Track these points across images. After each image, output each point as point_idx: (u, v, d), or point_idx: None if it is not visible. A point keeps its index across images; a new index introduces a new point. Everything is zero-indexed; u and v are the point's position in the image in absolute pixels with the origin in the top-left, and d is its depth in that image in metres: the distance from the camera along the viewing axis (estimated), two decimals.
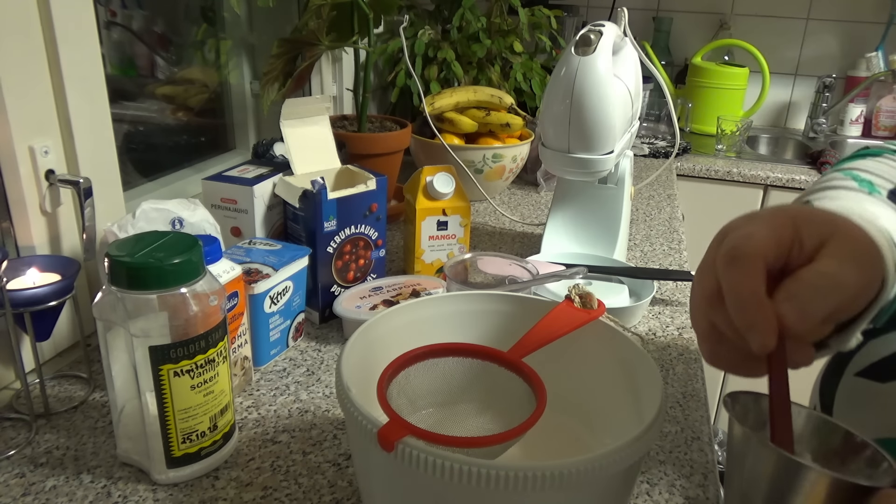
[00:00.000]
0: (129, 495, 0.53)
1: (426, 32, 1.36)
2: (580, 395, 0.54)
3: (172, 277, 0.49)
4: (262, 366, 0.71)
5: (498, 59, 1.41)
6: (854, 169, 0.51)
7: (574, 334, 0.50)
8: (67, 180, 0.67)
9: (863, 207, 0.44)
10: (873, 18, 1.89)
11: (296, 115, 0.80)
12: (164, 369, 0.50)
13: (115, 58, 1.02)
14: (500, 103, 1.23)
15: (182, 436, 0.52)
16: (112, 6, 1.00)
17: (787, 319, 0.35)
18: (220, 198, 0.78)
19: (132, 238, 0.50)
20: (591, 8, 2.06)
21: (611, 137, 0.80)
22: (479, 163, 1.18)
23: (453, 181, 0.86)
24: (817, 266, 0.36)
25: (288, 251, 0.71)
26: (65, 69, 0.66)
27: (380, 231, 0.82)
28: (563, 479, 0.37)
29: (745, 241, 0.35)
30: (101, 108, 0.72)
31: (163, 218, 0.66)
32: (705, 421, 0.65)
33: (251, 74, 1.23)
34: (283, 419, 0.63)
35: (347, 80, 1.33)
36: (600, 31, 0.79)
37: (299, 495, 0.53)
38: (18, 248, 0.67)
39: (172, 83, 1.11)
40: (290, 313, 0.72)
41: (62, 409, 0.63)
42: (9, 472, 0.55)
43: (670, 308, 0.87)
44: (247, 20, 1.21)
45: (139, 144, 1.03)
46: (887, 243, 0.40)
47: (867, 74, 1.91)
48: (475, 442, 0.44)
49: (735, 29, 1.98)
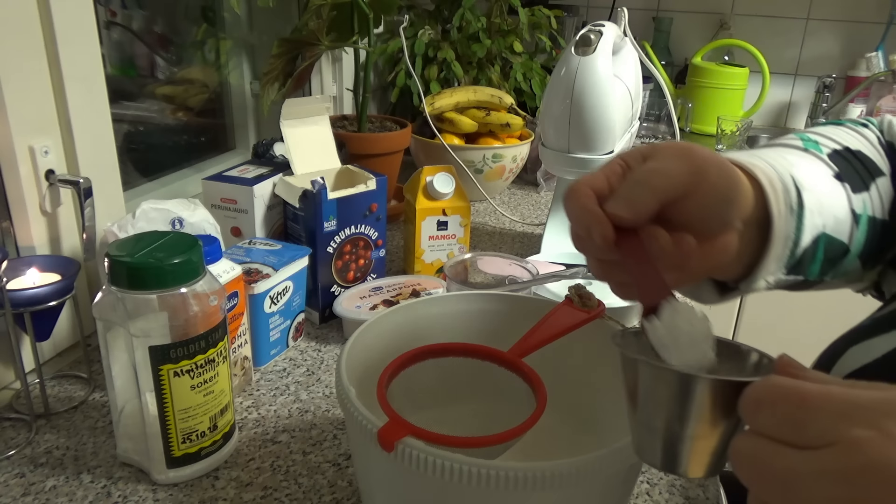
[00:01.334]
0: (129, 495, 0.53)
1: (426, 32, 1.35)
2: (580, 395, 0.54)
3: (172, 277, 0.49)
4: (262, 366, 0.71)
5: (498, 59, 1.41)
6: (809, 132, 0.53)
7: (574, 334, 0.50)
8: (67, 180, 0.67)
9: (782, 157, 0.47)
10: (873, 18, 1.89)
11: (296, 115, 0.80)
12: (164, 369, 0.50)
13: (115, 58, 1.02)
14: (500, 103, 1.23)
15: (182, 436, 0.52)
16: (112, 6, 1.00)
17: (617, 211, 0.38)
18: (220, 198, 0.78)
19: (132, 238, 0.50)
20: (591, 8, 2.06)
21: (611, 137, 0.80)
22: (479, 163, 1.18)
23: (453, 181, 0.86)
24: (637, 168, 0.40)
25: (288, 251, 0.71)
26: (65, 69, 0.66)
27: (380, 231, 0.82)
28: (563, 479, 0.37)
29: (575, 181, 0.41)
30: (101, 108, 0.72)
31: (163, 218, 0.66)
32: None
33: (251, 74, 1.23)
34: (283, 419, 0.63)
35: (347, 80, 1.33)
36: (600, 31, 0.79)
37: (299, 495, 0.53)
38: (18, 248, 0.67)
39: (172, 83, 1.11)
40: (290, 313, 0.72)
41: (62, 409, 0.63)
42: (9, 472, 0.55)
43: None
44: (247, 20, 1.21)
45: (139, 144, 1.03)
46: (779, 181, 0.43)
47: (867, 74, 1.91)
48: (475, 442, 0.44)
49: (735, 29, 1.98)
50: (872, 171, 0.50)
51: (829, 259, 0.47)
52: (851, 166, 0.49)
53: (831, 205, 0.46)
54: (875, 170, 0.50)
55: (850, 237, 0.48)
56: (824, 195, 0.46)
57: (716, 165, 0.40)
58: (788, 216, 0.43)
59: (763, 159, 0.45)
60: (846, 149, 0.51)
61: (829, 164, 0.48)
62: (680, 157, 0.39)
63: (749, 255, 0.45)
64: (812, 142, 0.51)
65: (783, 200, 0.43)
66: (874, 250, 0.50)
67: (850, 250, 0.48)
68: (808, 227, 0.44)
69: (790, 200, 0.44)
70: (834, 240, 0.47)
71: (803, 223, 0.44)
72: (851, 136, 0.53)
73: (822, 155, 0.49)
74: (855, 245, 0.48)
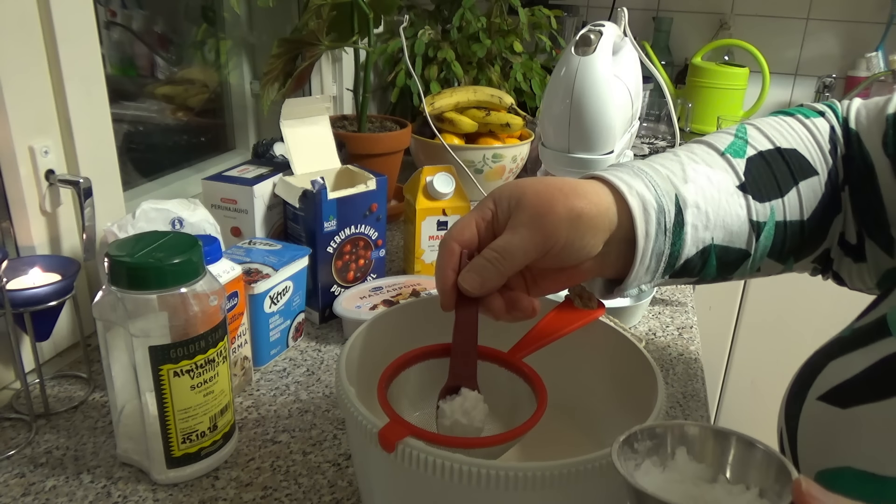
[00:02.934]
0: (129, 495, 0.53)
1: (426, 32, 1.35)
2: (580, 396, 0.54)
3: (172, 277, 0.49)
4: (262, 366, 0.71)
5: (498, 59, 1.41)
6: (752, 124, 0.55)
7: (574, 334, 0.50)
8: (67, 180, 0.67)
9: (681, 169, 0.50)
10: (873, 18, 1.89)
11: (296, 115, 0.80)
12: (164, 369, 0.50)
13: (115, 58, 1.02)
14: (500, 103, 1.23)
15: (182, 436, 0.52)
16: (112, 6, 1.00)
17: (465, 285, 0.45)
18: (220, 198, 0.78)
19: (132, 238, 0.50)
20: (591, 8, 2.06)
21: (611, 137, 0.80)
22: (479, 163, 1.18)
23: (453, 181, 0.86)
24: (493, 242, 0.45)
25: (288, 251, 0.71)
26: (65, 69, 0.66)
27: (380, 231, 0.82)
28: (563, 479, 0.37)
29: (450, 231, 0.46)
30: (101, 108, 0.72)
31: (163, 218, 0.66)
32: (705, 421, 0.65)
33: (251, 74, 1.23)
34: (283, 419, 0.63)
35: (347, 80, 1.33)
36: (600, 31, 0.79)
37: (299, 495, 0.53)
38: (18, 248, 0.67)
39: (172, 83, 1.11)
40: (290, 313, 0.72)
41: (62, 409, 0.63)
42: (9, 472, 0.55)
43: (670, 308, 0.87)
44: (247, 20, 1.21)
45: (139, 144, 1.03)
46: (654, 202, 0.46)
47: (867, 74, 1.91)
48: (475, 442, 0.44)
49: (735, 29, 1.97)
50: (798, 172, 0.51)
51: (726, 264, 0.51)
52: (770, 171, 0.51)
53: (723, 218, 0.49)
54: (803, 171, 0.52)
55: (749, 244, 0.50)
56: (714, 209, 0.48)
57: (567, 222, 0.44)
58: (659, 236, 0.46)
59: (651, 175, 0.48)
60: (776, 149, 0.52)
61: (737, 173, 0.50)
62: (531, 227, 0.44)
63: (622, 267, 0.48)
64: (742, 140, 0.52)
65: (655, 221, 0.46)
66: (793, 248, 0.52)
67: (753, 254, 0.51)
68: (691, 242, 0.48)
69: (665, 221, 0.46)
70: (728, 248, 0.50)
71: (682, 240, 0.48)
72: (794, 131, 0.54)
73: (739, 160, 0.51)
74: (760, 249, 0.51)
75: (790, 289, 1.56)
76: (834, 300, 1.55)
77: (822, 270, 0.58)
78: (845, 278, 0.57)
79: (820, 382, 0.44)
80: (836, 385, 0.43)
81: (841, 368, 0.44)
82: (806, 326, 1.61)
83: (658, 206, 0.46)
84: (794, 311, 1.59)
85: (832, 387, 0.43)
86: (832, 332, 0.50)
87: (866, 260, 0.53)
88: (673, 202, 0.47)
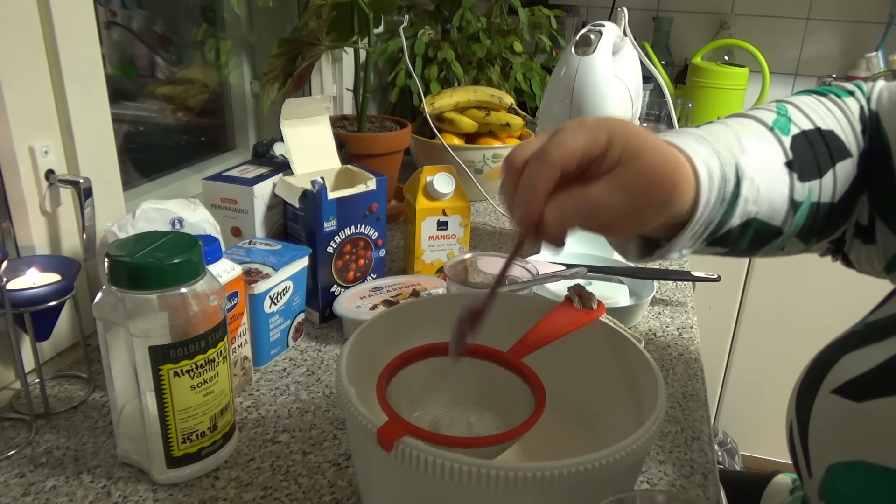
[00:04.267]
0: (129, 495, 0.53)
1: (426, 32, 1.36)
2: (580, 396, 0.54)
3: (172, 277, 0.49)
4: (262, 366, 0.71)
5: (498, 59, 1.41)
6: (791, 101, 0.54)
7: (574, 334, 0.50)
8: (67, 180, 0.67)
9: (738, 140, 0.48)
10: (873, 18, 1.89)
11: (296, 115, 0.80)
12: (164, 369, 0.50)
13: (115, 58, 1.02)
14: (500, 103, 1.23)
15: (182, 436, 0.52)
16: (112, 6, 1.00)
17: (546, 220, 0.41)
18: (220, 198, 0.78)
19: (132, 238, 0.50)
20: (591, 8, 2.06)
21: None
22: (479, 163, 1.18)
23: (453, 181, 0.86)
24: (589, 189, 0.41)
25: (288, 251, 0.71)
26: (65, 69, 0.66)
27: (380, 231, 0.82)
28: (562, 479, 0.37)
29: (555, 148, 0.41)
30: (101, 108, 0.72)
31: (163, 218, 0.66)
32: (705, 421, 0.65)
33: (251, 74, 1.23)
34: (283, 419, 0.63)
35: (347, 80, 1.33)
36: (600, 31, 0.79)
37: (299, 495, 0.53)
38: (18, 248, 0.67)
39: (172, 83, 1.11)
40: (290, 313, 0.72)
41: (62, 409, 0.63)
42: (9, 472, 0.55)
43: (670, 308, 0.87)
44: (247, 20, 1.21)
45: (139, 144, 1.03)
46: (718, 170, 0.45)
47: (867, 74, 1.91)
48: (475, 442, 0.44)
49: (735, 29, 1.98)
50: (836, 154, 0.51)
51: (760, 239, 0.50)
52: (813, 151, 0.51)
53: (770, 193, 0.48)
54: (839, 152, 0.51)
55: (785, 222, 0.50)
56: (765, 184, 0.48)
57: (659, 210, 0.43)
58: (716, 205, 0.46)
59: (713, 143, 0.47)
60: (817, 129, 0.52)
61: (786, 150, 0.50)
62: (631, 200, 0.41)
63: (668, 229, 0.47)
64: (785, 118, 0.52)
65: (717, 189, 0.45)
66: (819, 229, 0.52)
67: (784, 232, 0.51)
68: (739, 214, 0.47)
69: (725, 191, 0.46)
70: (767, 224, 0.49)
71: (734, 210, 0.47)
72: (830, 111, 0.54)
73: (786, 137, 0.51)
74: (791, 228, 0.51)
75: (790, 289, 1.57)
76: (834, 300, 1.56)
77: (834, 251, 0.58)
78: (854, 261, 0.57)
79: (833, 376, 0.44)
80: (850, 379, 0.43)
81: (855, 362, 0.44)
82: (806, 326, 1.61)
83: (721, 175, 0.45)
84: (794, 311, 1.59)
85: (846, 380, 0.43)
86: (832, 332, 0.50)
87: (875, 242, 0.53)
88: (733, 172, 0.46)
